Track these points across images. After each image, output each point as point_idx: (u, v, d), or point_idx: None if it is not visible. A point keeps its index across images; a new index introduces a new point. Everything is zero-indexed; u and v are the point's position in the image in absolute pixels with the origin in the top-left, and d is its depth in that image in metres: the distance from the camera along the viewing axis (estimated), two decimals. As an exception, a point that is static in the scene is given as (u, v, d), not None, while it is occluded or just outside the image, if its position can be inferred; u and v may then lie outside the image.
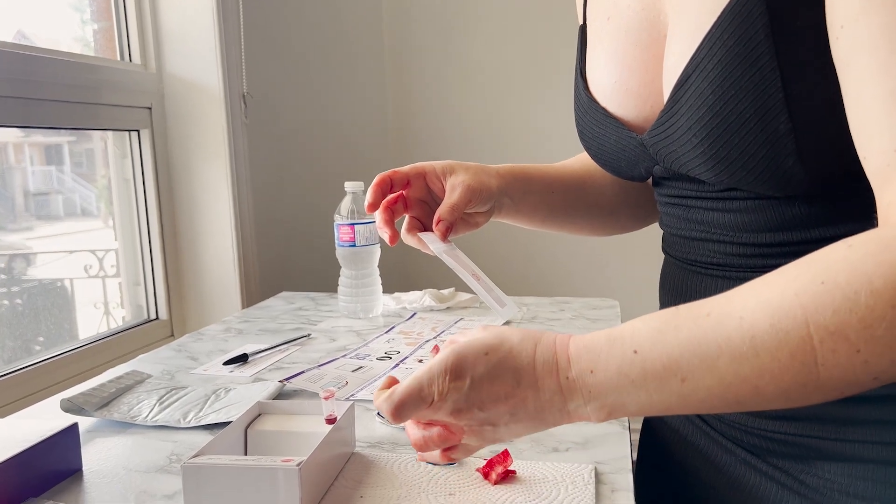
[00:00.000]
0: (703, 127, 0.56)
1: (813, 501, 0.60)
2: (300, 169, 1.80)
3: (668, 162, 0.63)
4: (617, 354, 0.48)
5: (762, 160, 0.54)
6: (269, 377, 0.93)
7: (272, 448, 0.66)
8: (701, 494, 0.71)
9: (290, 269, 1.73)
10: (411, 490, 0.62)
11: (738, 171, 0.56)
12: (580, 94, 0.73)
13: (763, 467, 0.63)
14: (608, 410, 0.49)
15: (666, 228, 0.73)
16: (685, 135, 0.58)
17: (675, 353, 0.46)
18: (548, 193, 0.82)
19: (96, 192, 1.48)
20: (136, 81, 1.40)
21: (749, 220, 0.60)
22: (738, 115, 0.53)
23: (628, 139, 0.67)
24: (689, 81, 0.56)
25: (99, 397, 0.82)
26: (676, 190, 0.67)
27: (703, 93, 0.55)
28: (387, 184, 0.71)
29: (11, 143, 1.30)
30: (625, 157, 0.69)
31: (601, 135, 0.70)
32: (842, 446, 0.58)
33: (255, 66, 1.56)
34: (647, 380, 0.47)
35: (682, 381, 0.46)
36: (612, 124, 0.68)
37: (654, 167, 0.68)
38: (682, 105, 0.57)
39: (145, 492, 0.63)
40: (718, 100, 0.54)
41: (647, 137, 0.64)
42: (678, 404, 0.48)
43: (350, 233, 1.20)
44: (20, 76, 1.11)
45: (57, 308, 1.39)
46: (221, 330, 1.19)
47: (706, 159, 0.57)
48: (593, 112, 0.70)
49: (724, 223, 0.62)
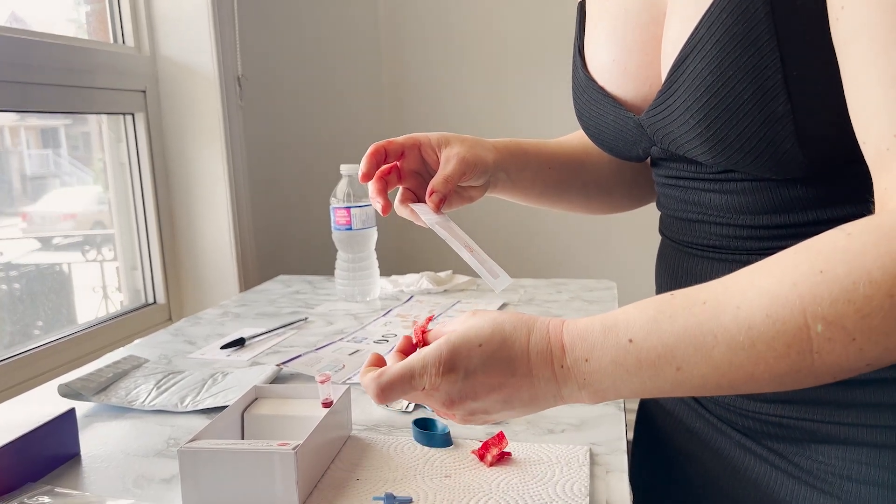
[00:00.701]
0: (700, 108, 0.55)
1: (808, 484, 0.60)
2: (296, 151, 1.79)
3: (666, 143, 0.63)
4: (612, 344, 0.48)
5: (760, 142, 0.54)
6: (266, 361, 0.93)
7: (269, 432, 0.66)
8: (695, 476, 0.71)
9: (287, 252, 1.73)
10: (407, 472, 0.62)
11: (735, 152, 0.56)
12: (578, 72, 0.72)
13: (758, 450, 0.64)
14: (602, 395, 0.50)
15: (663, 210, 0.73)
16: (682, 115, 0.58)
17: (669, 342, 0.46)
18: (544, 170, 0.81)
19: (93, 175, 1.47)
20: (129, 64, 1.39)
21: (746, 202, 0.60)
22: (737, 97, 0.53)
23: (626, 119, 0.67)
24: (686, 61, 0.56)
25: (96, 382, 0.82)
26: (673, 171, 0.67)
27: (701, 73, 0.55)
28: (381, 154, 0.70)
29: (7, 126, 1.29)
30: (622, 138, 0.69)
31: (599, 114, 0.70)
32: (837, 429, 0.58)
33: (250, 48, 1.55)
34: (642, 368, 0.47)
35: (677, 370, 0.46)
36: (610, 104, 0.68)
37: (652, 148, 0.67)
38: (680, 85, 0.57)
39: (143, 476, 0.64)
40: (717, 80, 0.54)
41: (645, 118, 0.64)
42: (672, 389, 0.48)
43: (346, 216, 1.20)
44: (14, 60, 1.11)
45: (54, 293, 1.39)
46: (219, 314, 1.19)
47: (703, 140, 0.57)
48: (591, 91, 0.70)
49: (721, 205, 0.62)
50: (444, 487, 0.59)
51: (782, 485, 0.62)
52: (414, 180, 0.74)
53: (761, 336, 0.43)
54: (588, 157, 0.85)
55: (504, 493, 0.58)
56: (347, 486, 0.60)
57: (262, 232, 1.60)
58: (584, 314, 1.11)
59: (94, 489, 0.62)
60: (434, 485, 0.60)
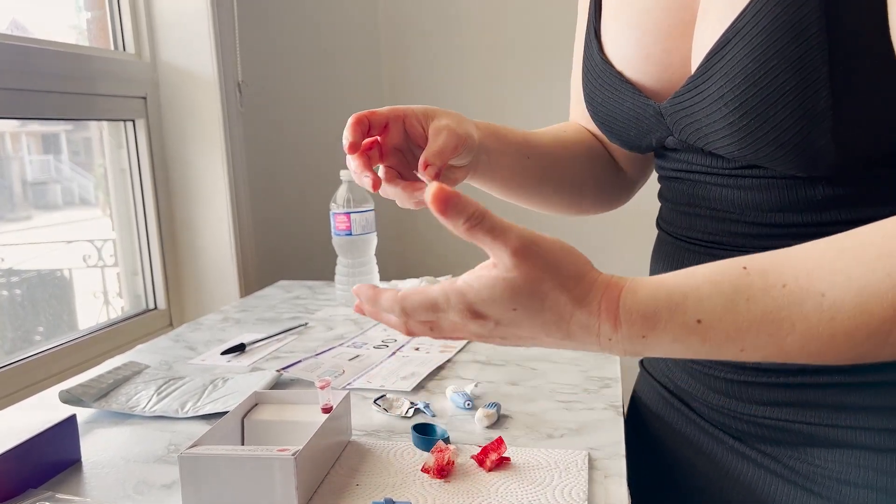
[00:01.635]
0: (736, 97, 0.53)
1: (804, 488, 0.60)
2: (296, 157, 1.80)
3: (687, 133, 0.61)
4: (677, 323, 0.46)
5: (794, 136, 0.52)
6: (266, 367, 0.93)
7: (269, 437, 0.67)
8: (689, 481, 0.71)
9: (287, 257, 1.73)
10: (406, 477, 0.62)
11: (765, 146, 0.54)
12: (593, 56, 0.69)
13: (752, 454, 0.64)
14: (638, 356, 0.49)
15: (666, 203, 0.71)
16: (715, 104, 0.55)
17: (743, 326, 0.44)
18: (522, 157, 0.77)
19: (94, 181, 1.48)
20: (130, 71, 1.40)
21: (761, 198, 0.59)
22: (777, 87, 0.51)
23: (645, 107, 0.64)
24: (726, 48, 0.53)
25: (97, 388, 0.82)
26: (685, 164, 0.65)
27: (742, 61, 0.52)
28: (364, 124, 0.64)
29: (8, 132, 1.30)
30: (636, 126, 0.67)
31: (613, 100, 0.67)
32: (835, 432, 0.58)
33: (250, 53, 1.56)
34: (704, 346, 0.45)
35: (741, 351, 0.45)
36: (628, 90, 0.65)
37: (668, 138, 0.65)
38: (716, 73, 0.54)
39: (144, 481, 0.64)
40: (758, 69, 0.51)
41: (668, 106, 0.61)
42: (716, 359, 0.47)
43: (346, 221, 1.20)
44: (14, 67, 1.11)
45: (56, 299, 1.39)
46: (219, 319, 1.19)
47: (734, 131, 0.55)
48: (607, 76, 0.67)
49: (734, 200, 0.61)
50: (443, 492, 0.59)
51: (777, 489, 0.62)
52: (395, 158, 0.68)
53: (843, 326, 0.42)
54: (562, 153, 0.81)
55: (503, 497, 0.58)
56: (347, 491, 0.61)
57: (262, 237, 1.60)
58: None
59: (95, 495, 0.62)
60: (433, 490, 0.60)
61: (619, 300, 0.47)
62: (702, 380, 0.68)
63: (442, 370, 0.90)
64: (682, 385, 0.71)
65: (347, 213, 1.20)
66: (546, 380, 0.85)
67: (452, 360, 0.94)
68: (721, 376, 0.65)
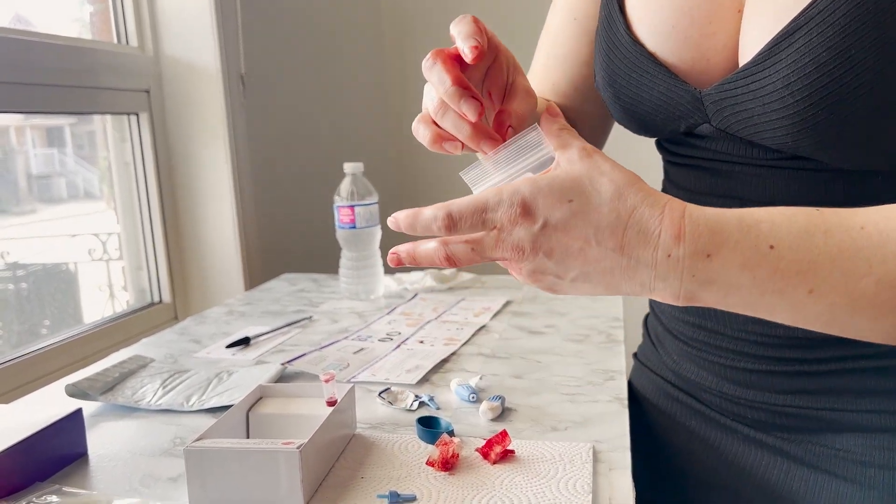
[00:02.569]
0: (805, 86, 0.50)
1: (825, 471, 0.60)
2: (300, 149, 1.79)
3: (730, 122, 0.58)
4: (749, 245, 0.42)
5: (863, 129, 0.50)
6: (271, 360, 0.94)
7: (274, 431, 0.67)
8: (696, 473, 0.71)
9: (291, 250, 1.73)
10: (411, 470, 0.62)
11: (828, 138, 0.51)
12: (619, 34, 0.66)
13: (768, 440, 0.63)
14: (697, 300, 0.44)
15: (678, 191, 0.69)
16: (777, 93, 0.52)
17: (818, 260, 0.42)
18: None
19: (98, 174, 1.48)
20: (133, 64, 1.39)
21: (798, 190, 0.57)
22: (853, 78, 0.48)
23: (682, 92, 0.61)
24: (795, 35, 0.51)
25: (103, 382, 0.83)
26: (711, 152, 0.63)
27: (815, 49, 0.49)
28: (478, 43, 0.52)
29: (13, 125, 1.30)
30: (666, 111, 0.64)
31: (642, 83, 0.64)
32: (858, 417, 0.58)
33: (253, 46, 1.55)
34: (773, 280, 0.42)
35: (809, 293, 0.42)
36: (663, 73, 0.62)
37: (701, 125, 0.62)
38: (781, 61, 0.52)
39: (150, 475, 0.64)
40: (833, 58, 0.49)
41: (713, 92, 0.58)
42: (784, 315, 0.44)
43: (350, 214, 1.20)
44: (17, 62, 1.11)
45: (61, 292, 1.40)
46: (224, 313, 1.20)
47: (795, 122, 0.52)
48: (637, 57, 0.64)
49: (767, 192, 0.59)
50: (448, 485, 0.60)
51: (795, 474, 0.62)
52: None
53: None
54: None
55: (507, 490, 0.58)
56: (352, 484, 0.61)
57: (266, 230, 1.60)
58: (589, 311, 1.11)
59: (102, 488, 0.62)
60: (438, 483, 0.60)
61: (684, 209, 0.44)
62: (716, 371, 0.67)
63: (446, 363, 0.90)
64: (689, 377, 0.71)
65: (351, 206, 1.20)
66: (550, 372, 0.85)
67: (457, 353, 0.94)
68: (740, 366, 0.65)
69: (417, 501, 0.57)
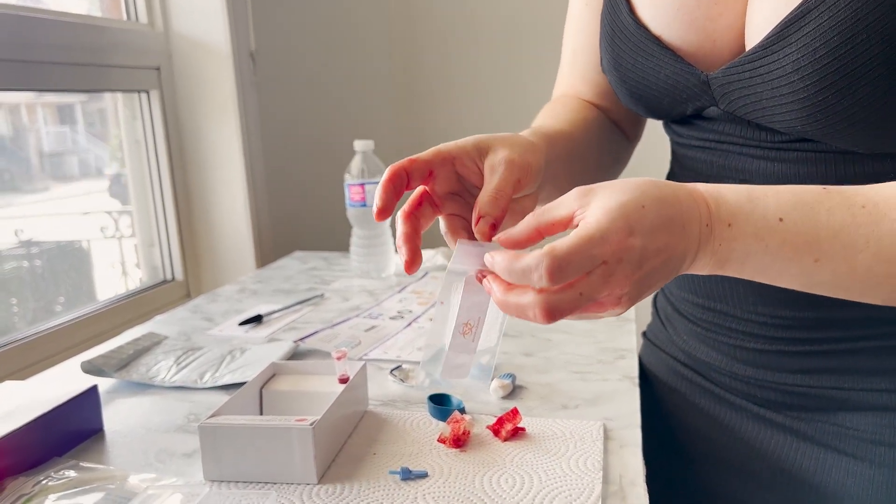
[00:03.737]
0: (816, 70, 0.51)
1: (835, 450, 0.60)
2: (310, 127, 1.79)
3: (737, 105, 0.58)
4: (759, 216, 0.46)
5: (873, 112, 0.51)
6: (283, 337, 0.94)
7: (287, 408, 0.68)
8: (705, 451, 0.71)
9: (302, 228, 1.74)
10: (423, 447, 0.63)
11: (839, 121, 0.52)
12: (622, 17, 0.65)
13: (779, 419, 0.64)
14: (725, 266, 0.47)
15: (684, 171, 0.69)
16: (787, 76, 0.53)
17: (821, 234, 0.45)
18: (568, 160, 0.68)
19: (110, 152, 1.48)
20: (143, 42, 1.39)
21: (806, 172, 0.57)
22: (865, 62, 0.49)
23: (688, 76, 0.61)
24: (806, 19, 0.51)
25: (118, 359, 0.83)
26: (719, 135, 0.63)
27: (826, 33, 0.50)
28: (401, 178, 0.52)
29: (24, 103, 1.30)
30: (673, 94, 0.63)
31: (647, 67, 0.63)
32: (869, 396, 0.58)
33: (263, 23, 1.54)
34: (784, 249, 0.46)
35: (815, 261, 0.46)
36: (668, 57, 0.62)
37: (709, 108, 0.62)
38: (791, 45, 0.52)
39: (165, 450, 0.65)
40: (844, 42, 0.49)
41: (720, 76, 0.58)
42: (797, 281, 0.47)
43: (360, 192, 1.20)
44: (27, 39, 1.11)
45: (75, 270, 1.41)
46: (236, 290, 1.20)
47: (805, 105, 0.53)
48: (642, 41, 0.63)
49: (776, 173, 0.59)
50: (459, 462, 0.60)
51: (804, 453, 0.62)
52: (454, 203, 0.56)
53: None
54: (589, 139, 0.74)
55: (518, 467, 0.59)
56: (364, 460, 0.61)
57: (277, 208, 1.61)
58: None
59: (118, 463, 0.63)
60: (449, 459, 0.61)
61: (702, 187, 0.48)
62: (725, 351, 0.67)
63: (457, 341, 0.90)
64: (699, 356, 0.71)
65: (362, 183, 1.19)
66: (560, 351, 0.85)
67: (467, 331, 0.94)
68: (749, 347, 0.65)
69: (429, 478, 0.58)
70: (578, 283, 0.43)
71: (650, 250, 0.44)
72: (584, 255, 0.42)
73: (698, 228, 0.46)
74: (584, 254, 0.42)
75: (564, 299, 0.43)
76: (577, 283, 0.43)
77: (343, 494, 0.56)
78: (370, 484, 0.58)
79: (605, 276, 0.43)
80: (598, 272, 0.43)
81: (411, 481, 0.58)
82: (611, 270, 0.43)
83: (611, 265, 0.43)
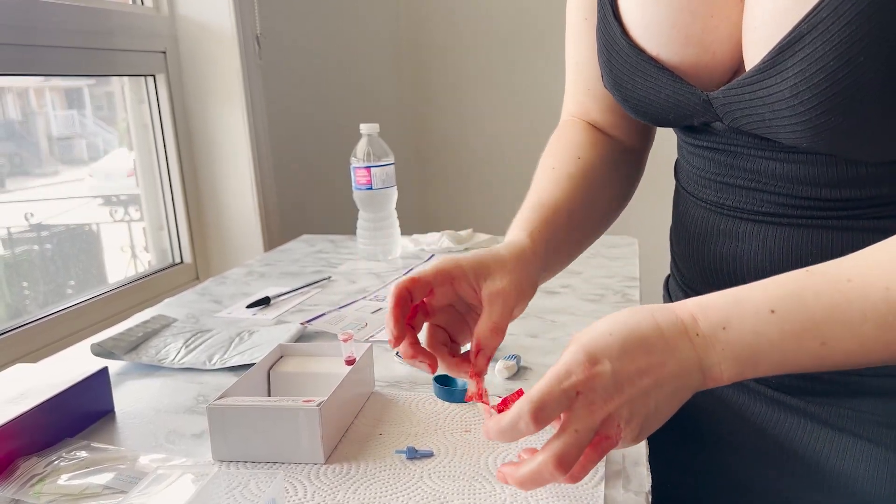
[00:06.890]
0: (814, 95, 0.50)
1: (849, 432, 0.60)
2: (316, 110, 1.79)
3: (741, 122, 0.57)
4: (750, 313, 0.47)
5: (875, 131, 0.50)
6: (290, 319, 0.95)
7: (294, 389, 0.68)
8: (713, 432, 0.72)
9: (310, 210, 1.74)
10: (428, 427, 0.64)
11: (840, 139, 0.52)
12: (615, 40, 0.64)
13: (792, 402, 0.63)
14: (742, 366, 0.48)
15: (693, 169, 0.68)
16: (786, 100, 0.52)
17: (816, 317, 0.46)
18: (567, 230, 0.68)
19: (118, 136, 1.49)
20: (149, 25, 1.39)
21: (814, 173, 0.57)
22: (863, 85, 0.48)
23: (689, 95, 0.60)
24: (801, 42, 0.49)
25: (127, 341, 0.84)
26: (725, 141, 0.62)
27: (823, 57, 0.48)
28: (406, 301, 0.57)
29: (32, 87, 1.31)
30: (677, 111, 0.62)
31: (648, 87, 0.62)
32: (882, 381, 0.58)
33: (268, 6, 1.54)
34: (786, 340, 0.46)
35: (822, 345, 0.46)
36: (668, 78, 0.60)
37: (715, 123, 0.62)
38: (787, 69, 0.51)
39: (174, 431, 0.66)
40: (842, 66, 0.48)
41: (720, 96, 0.57)
42: (814, 364, 0.47)
43: (367, 175, 1.20)
44: (34, 24, 1.11)
45: (85, 253, 1.42)
46: (244, 273, 1.21)
47: (808, 127, 0.52)
48: (638, 62, 0.62)
49: (783, 174, 0.58)
50: (465, 441, 0.61)
51: (817, 436, 0.62)
52: (445, 314, 0.60)
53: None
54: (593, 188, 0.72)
55: (522, 447, 0.59)
56: (371, 440, 0.62)
57: (284, 191, 1.61)
58: (605, 271, 1.11)
59: (128, 444, 0.64)
60: (454, 439, 0.61)
61: (685, 303, 0.49)
62: None
63: (463, 323, 0.91)
64: None
65: (367, 167, 1.20)
66: (565, 332, 0.86)
67: (473, 313, 0.94)
68: None
69: (434, 457, 0.59)
70: (567, 421, 0.47)
71: (625, 373, 0.46)
72: (556, 391, 0.46)
73: (688, 342, 0.47)
74: (555, 390, 0.46)
75: (566, 442, 0.46)
76: (565, 422, 0.47)
77: (350, 474, 0.57)
78: (377, 463, 0.58)
79: (587, 406, 0.46)
80: (578, 403, 0.46)
81: (417, 460, 0.58)
82: (589, 399, 0.46)
83: (586, 394, 0.46)
